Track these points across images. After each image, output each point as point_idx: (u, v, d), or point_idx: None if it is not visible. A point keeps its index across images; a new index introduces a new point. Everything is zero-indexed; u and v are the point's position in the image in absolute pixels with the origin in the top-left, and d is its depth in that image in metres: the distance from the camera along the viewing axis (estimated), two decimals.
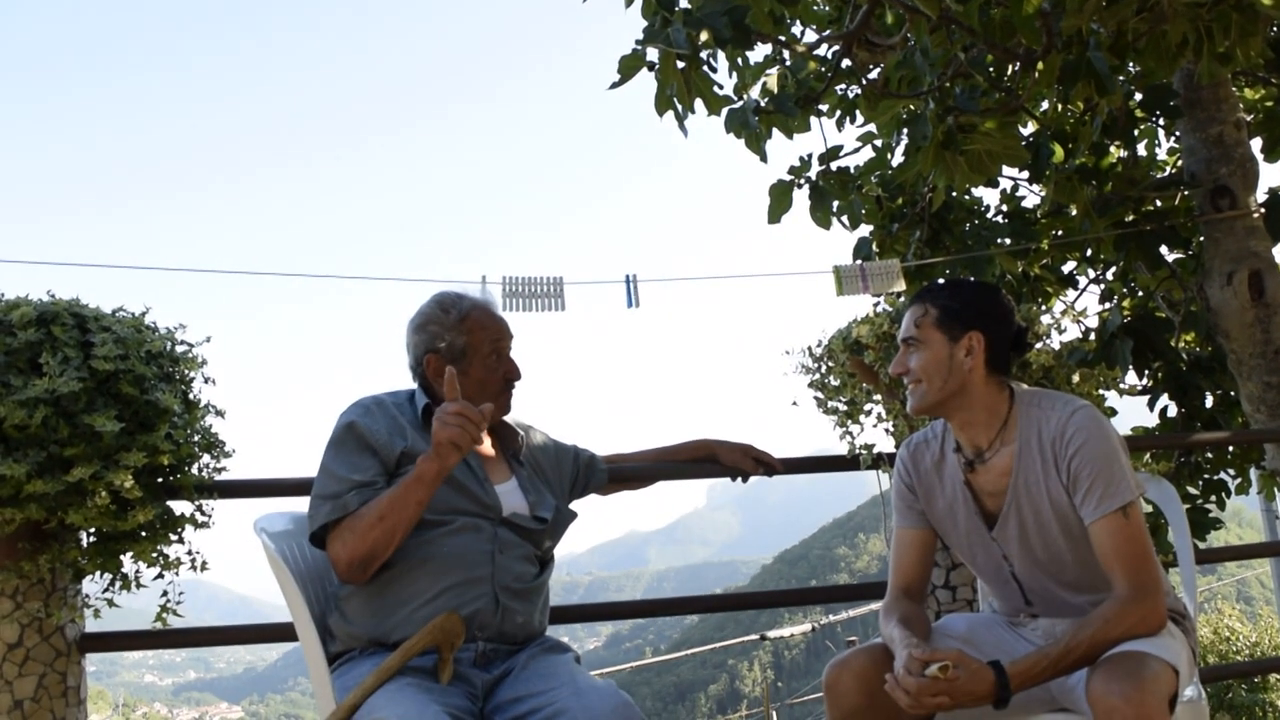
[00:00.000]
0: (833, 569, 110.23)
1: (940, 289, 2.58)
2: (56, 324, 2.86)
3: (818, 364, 3.96)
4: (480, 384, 2.64)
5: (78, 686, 3.08)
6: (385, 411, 2.59)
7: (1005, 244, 5.95)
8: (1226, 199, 5.44)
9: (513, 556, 2.53)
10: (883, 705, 2.25)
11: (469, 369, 2.63)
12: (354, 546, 2.35)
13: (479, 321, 2.68)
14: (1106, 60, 4.17)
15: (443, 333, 2.66)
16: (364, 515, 2.36)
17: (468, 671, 2.36)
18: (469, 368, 2.63)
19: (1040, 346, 3.83)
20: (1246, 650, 13.23)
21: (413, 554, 2.43)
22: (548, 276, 4.08)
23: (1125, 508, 2.30)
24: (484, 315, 2.70)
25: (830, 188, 5.64)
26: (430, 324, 2.68)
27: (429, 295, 2.76)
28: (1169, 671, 2.10)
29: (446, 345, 2.65)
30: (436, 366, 2.64)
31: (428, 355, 2.66)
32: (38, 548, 2.93)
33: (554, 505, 2.70)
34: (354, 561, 2.35)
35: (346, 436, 2.52)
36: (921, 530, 2.67)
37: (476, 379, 2.63)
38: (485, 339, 2.67)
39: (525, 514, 2.62)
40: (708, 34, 4.03)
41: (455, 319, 2.67)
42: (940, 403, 2.52)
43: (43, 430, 2.75)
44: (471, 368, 2.64)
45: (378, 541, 2.34)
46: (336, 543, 2.38)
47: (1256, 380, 5.42)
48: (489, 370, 2.66)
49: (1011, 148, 4.53)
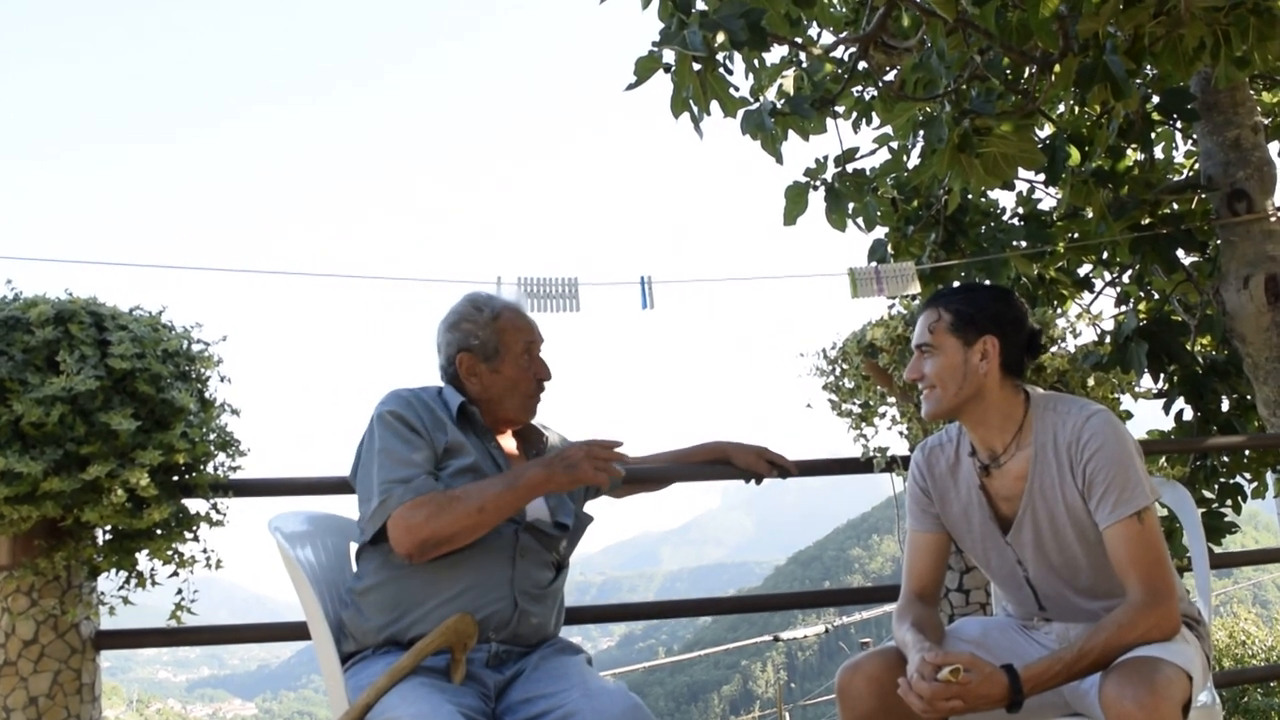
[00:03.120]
0: (847, 570, 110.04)
1: (954, 294, 2.57)
2: (74, 322, 2.87)
3: (832, 366, 3.95)
4: (513, 383, 2.67)
5: (92, 683, 3.09)
6: (423, 404, 2.59)
7: (1021, 247, 5.94)
8: (1243, 203, 5.42)
9: (532, 561, 2.54)
10: (895, 709, 2.24)
11: (501, 367, 2.66)
12: (443, 525, 2.32)
13: (511, 321, 2.71)
14: (1123, 64, 4.15)
15: (476, 330, 2.68)
16: (461, 498, 2.34)
17: (480, 672, 2.37)
18: (501, 366, 2.66)
19: (1055, 350, 3.83)
20: (1262, 654, 13.15)
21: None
22: (563, 277, 4.09)
23: (1140, 513, 2.29)
24: (516, 315, 2.73)
25: (846, 190, 5.63)
26: (464, 322, 2.70)
27: (451, 295, 2.78)
28: (1183, 677, 2.09)
29: (480, 344, 2.67)
30: (470, 365, 2.66)
31: (460, 354, 2.67)
32: (54, 545, 2.95)
33: (573, 511, 2.71)
34: (432, 539, 2.32)
35: (397, 423, 2.50)
36: (935, 534, 2.66)
37: (509, 378, 2.66)
38: (518, 339, 2.69)
39: (547, 519, 2.62)
40: (724, 36, 4.03)
41: (488, 317, 2.69)
42: (955, 408, 2.51)
43: (59, 428, 2.76)
44: (504, 366, 2.66)
45: (468, 529, 2.34)
46: (415, 514, 2.33)
47: (1272, 384, 5.40)
48: (521, 370, 2.68)
49: (1027, 150, 4.52)
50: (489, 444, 2.63)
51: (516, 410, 2.70)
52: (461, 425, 2.60)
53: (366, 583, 2.47)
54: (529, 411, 2.72)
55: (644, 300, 4.25)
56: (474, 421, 2.64)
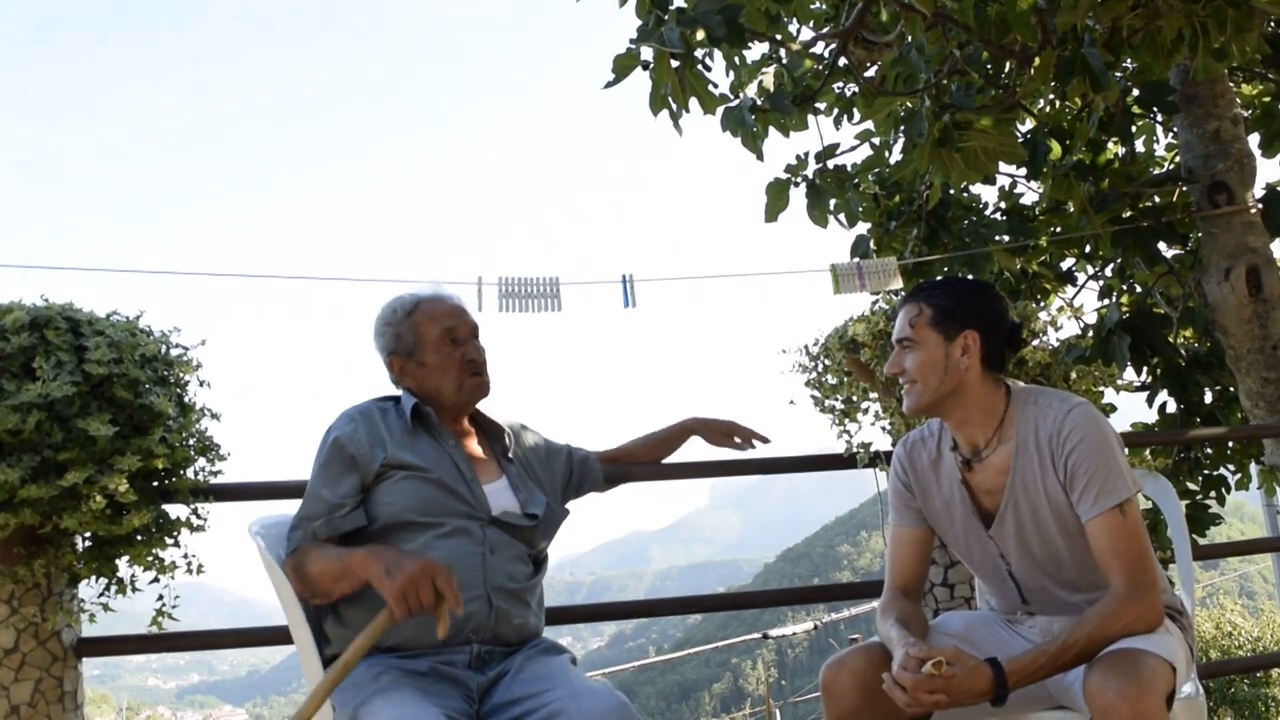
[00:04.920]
0: (835, 566, 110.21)
1: (934, 288, 2.56)
2: (50, 328, 2.84)
3: (814, 362, 3.95)
4: (439, 369, 2.67)
5: (75, 691, 3.07)
6: (369, 421, 2.61)
7: (1003, 241, 5.96)
8: (1224, 195, 5.44)
9: (504, 557, 2.53)
10: (880, 705, 2.24)
11: (423, 358, 2.67)
12: (296, 584, 2.41)
13: (426, 311, 2.72)
14: (1102, 56, 4.16)
15: (395, 330, 2.72)
16: (318, 562, 2.38)
17: (462, 674, 2.36)
18: (423, 357, 2.67)
19: (1037, 344, 3.83)
20: (1249, 645, 13.22)
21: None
22: (544, 277, 4.08)
23: (1122, 505, 2.29)
24: (431, 304, 2.74)
25: (827, 186, 5.64)
26: (385, 326, 2.74)
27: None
28: (1166, 669, 2.09)
29: (401, 342, 2.70)
30: (400, 365, 2.71)
31: (389, 358, 2.72)
32: (33, 552, 2.92)
33: (545, 502, 2.70)
34: (302, 592, 2.41)
35: (328, 452, 2.55)
36: (918, 528, 2.66)
37: (434, 365, 2.67)
38: (434, 326, 2.70)
39: (516, 511, 2.62)
40: (702, 33, 4.03)
41: (404, 315, 2.72)
42: (936, 403, 2.50)
43: (36, 435, 2.74)
44: (425, 356, 2.68)
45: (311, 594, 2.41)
46: (292, 562, 2.44)
47: (1255, 375, 5.42)
48: (443, 355, 2.68)
49: (1008, 145, 4.52)
50: (447, 444, 2.63)
51: (453, 394, 2.68)
52: (418, 429, 2.62)
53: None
54: (468, 393, 2.70)
55: (626, 299, 4.24)
56: (430, 423, 2.65)
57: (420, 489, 2.50)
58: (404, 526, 2.47)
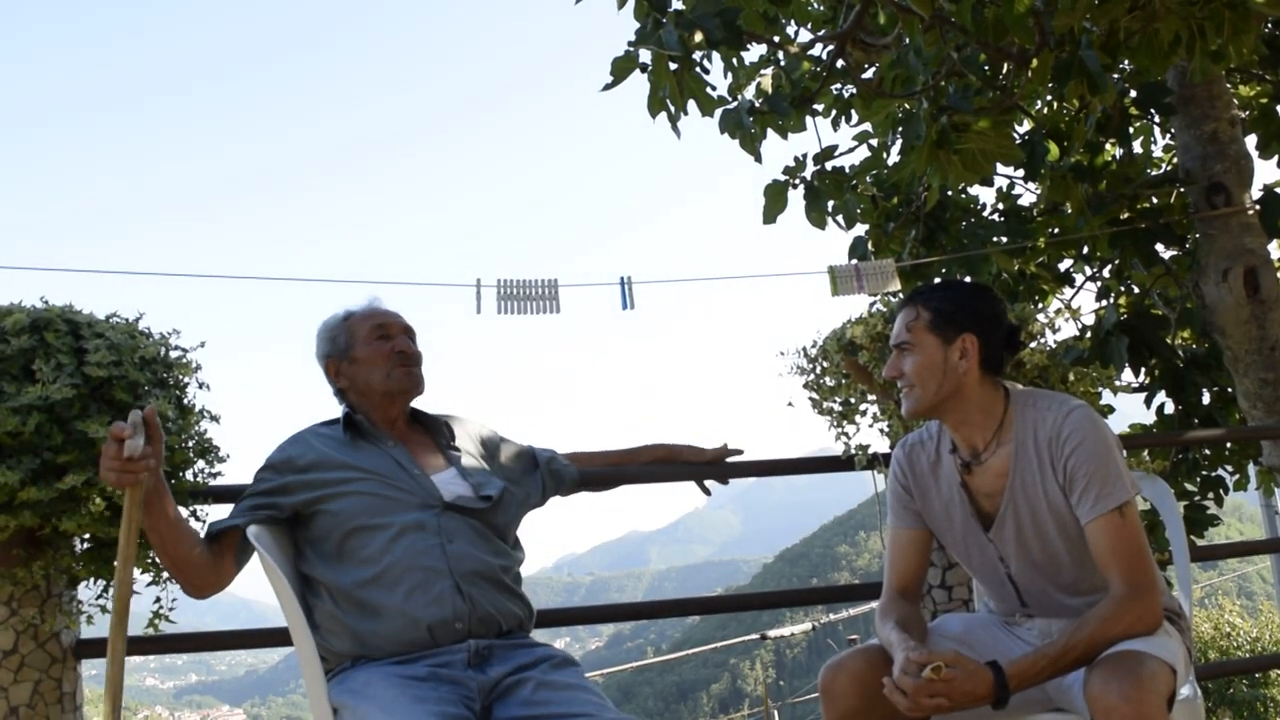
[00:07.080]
0: (834, 567, 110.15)
1: (932, 291, 2.57)
2: (49, 330, 2.84)
3: (812, 364, 3.95)
4: (369, 362, 2.74)
5: (74, 692, 3.07)
6: (308, 443, 2.68)
7: (1001, 242, 5.96)
8: (1221, 196, 5.45)
9: (465, 543, 2.53)
10: (879, 707, 2.24)
11: (355, 355, 2.76)
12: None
13: (361, 315, 2.82)
14: (1099, 58, 4.17)
15: (332, 336, 2.81)
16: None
17: (461, 674, 2.35)
18: (355, 354, 2.76)
19: (1035, 346, 3.83)
20: (1247, 646, 13.23)
21: (363, 570, 2.46)
22: (542, 279, 4.09)
23: (1121, 507, 2.30)
24: (365, 310, 2.85)
25: (825, 187, 5.65)
26: (324, 333, 2.84)
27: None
28: (1167, 671, 2.09)
29: (336, 345, 2.79)
30: (335, 368, 2.79)
31: (326, 363, 2.81)
32: (32, 554, 2.92)
33: (501, 485, 2.70)
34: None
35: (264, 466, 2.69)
36: (917, 530, 2.66)
37: (364, 359, 2.74)
38: (365, 324, 2.79)
39: (469, 494, 2.63)
40: (700, 35, 4.03)
41: (338, 321, 2.82)
42: (935, 406, 2.51)
43: (36, 437, 2.74)
44: (357, 353, 2.76)
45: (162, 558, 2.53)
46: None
47: (1253, 376, 5.42)
48: (374, 350, 2.75)
49: (1006, 146, 4.53)
50: (385, 445, 2.67)
51: (385, 384, 2.73)
52: (355, 438, 2.67)
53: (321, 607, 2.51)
54: (395, 380, 2.74)
55: (624, 301, 4.24)
56: (365, 430, 2.69)
57: (365, 492, 2.54)
58: (357, 532, 2.49)
